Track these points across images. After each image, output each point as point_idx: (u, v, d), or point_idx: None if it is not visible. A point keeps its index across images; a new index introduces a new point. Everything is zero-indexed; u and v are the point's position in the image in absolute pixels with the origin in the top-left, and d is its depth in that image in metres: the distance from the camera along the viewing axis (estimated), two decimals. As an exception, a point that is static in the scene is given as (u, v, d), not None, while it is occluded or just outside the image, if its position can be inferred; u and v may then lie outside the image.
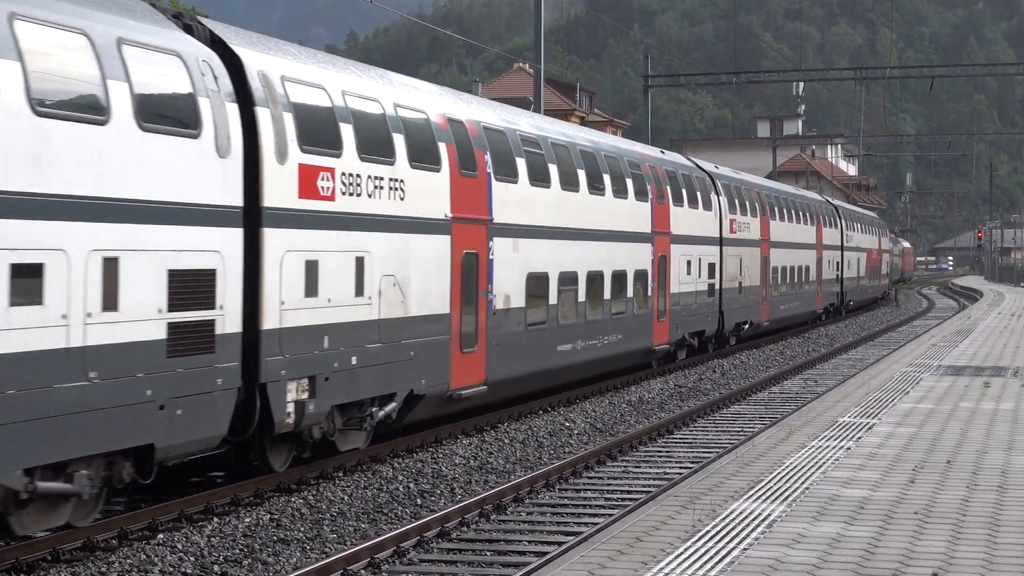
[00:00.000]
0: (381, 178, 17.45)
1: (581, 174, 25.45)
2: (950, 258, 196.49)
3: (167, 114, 13.67)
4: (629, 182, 28.41)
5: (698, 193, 34.39)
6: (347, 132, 16.79)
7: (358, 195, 16.88)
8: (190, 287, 13.75)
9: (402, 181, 18.06)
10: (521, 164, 22.60)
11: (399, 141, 18.10)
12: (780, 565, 9.51)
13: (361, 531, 14.35)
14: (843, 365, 35.17)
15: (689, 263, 32.97)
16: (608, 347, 26.77)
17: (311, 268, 15.86)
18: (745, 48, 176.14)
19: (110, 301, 12.57)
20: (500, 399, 22.57)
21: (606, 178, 26.94)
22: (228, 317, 14.32)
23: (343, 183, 16.54)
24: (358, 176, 16.89)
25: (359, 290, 16.90)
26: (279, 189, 15.29)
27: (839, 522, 11.04)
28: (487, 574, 12.76)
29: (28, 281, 11.58)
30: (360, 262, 16.93)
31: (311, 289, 15.84)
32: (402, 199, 18.06)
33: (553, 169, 24.03)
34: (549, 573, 9.62)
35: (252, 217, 14.89)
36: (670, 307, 31.08)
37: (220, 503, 14.99)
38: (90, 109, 12.52)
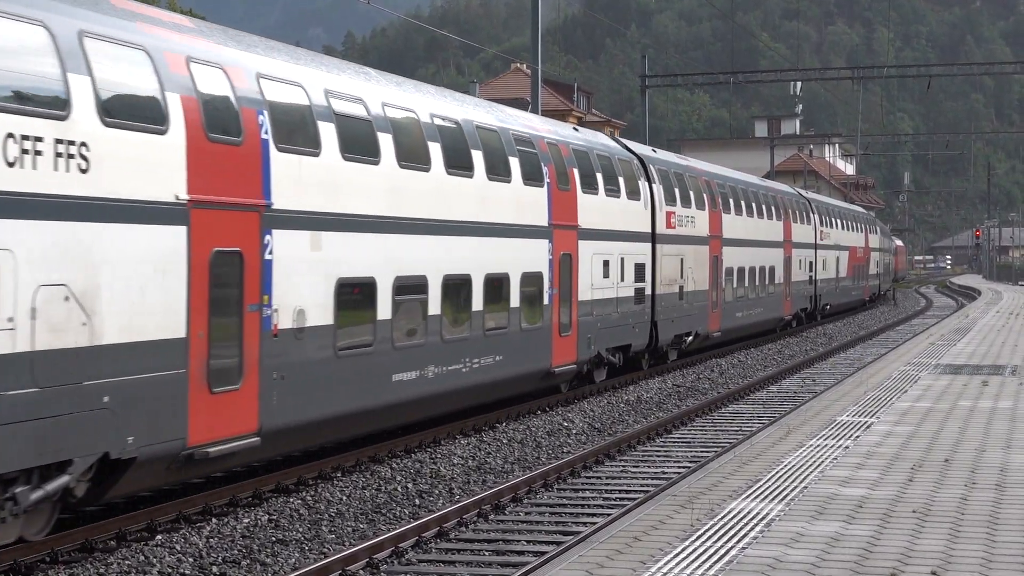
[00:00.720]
0: (39, 139, 11.83)
1: (434, 149, 19.54)
2: (948, 257, 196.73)
3: None
4: (514, 161, 22.39)
5: (621, 179, 28.13)
6: None
7: None
8: None
9: (85, 145, 12.42)
10: (327, 130, 16.71)
11: (81, 85, 12.51)
12: (779, 564, 9.50)
13: (359, 531, 14.35)
14: (841, 364, 35.18)
15: (607, 264, 26.85)
16: (481, 372, 20.83)
17: None
18: (742, 48, 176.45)
19: None
20: (293, 453, 17.23)
21: (476, 155, 20.97)
22: None
23: None
24: None
25: None
26: None
27: (838, 521, 11.04)
28: (486, 574, 12.76)
29: None
30: None
31: None
32: (84, 171, 12.39)
33: (386, 140, 18.11)
34: (548, 573, 9.61)
35: None
36: (578, 318, 25.05)
37: (218, 504, 14.98)
38: None
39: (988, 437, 16.15)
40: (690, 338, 33.17)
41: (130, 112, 13.28)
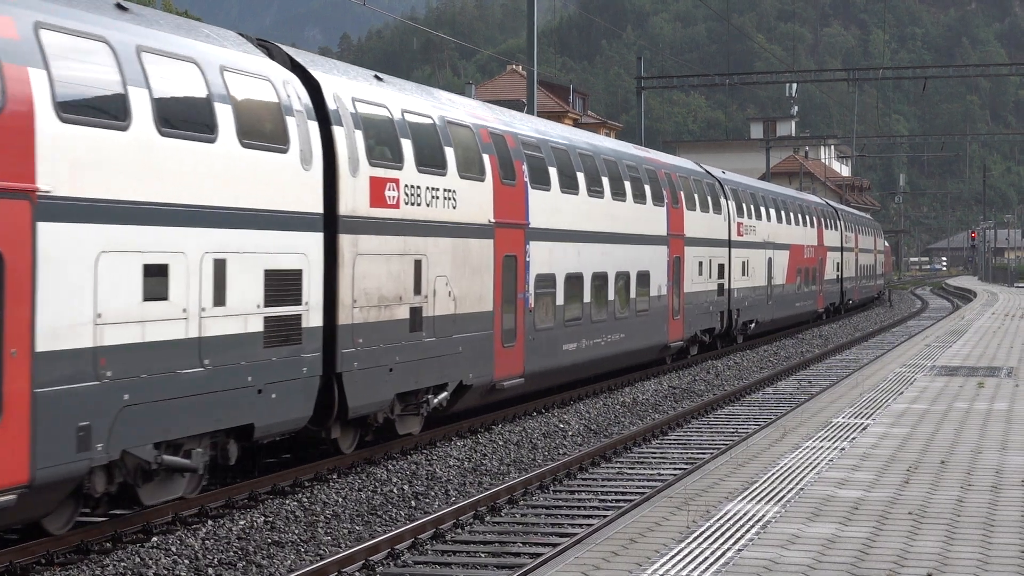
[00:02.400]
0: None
1: None
2: (944, 258, 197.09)
3: None
4: None
5: (226, 108, 14.42)
6: None
7: None
8: None
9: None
10: None
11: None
12: (775, 566, 9.51)
13: (355, 533, 14.35)
14: (837, 366, 35.19)
15: (157, 272, 13.22)
16: None
17: None
18: (738, 49, 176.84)
19: None
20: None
21: None
22: None
23: None
24: None
25: None
26: None
27: (834, 523, 11.05)
28: None
29: None
30: None
31: None
32: None
33: None
34: (544, 575, 9.61)
35: None
36: (34, 391, 11.43)
37: (214, 505, 14.97)
38: None
39: (984, 439, 16.16)
40: (443, 394, 19.73)
41: None
